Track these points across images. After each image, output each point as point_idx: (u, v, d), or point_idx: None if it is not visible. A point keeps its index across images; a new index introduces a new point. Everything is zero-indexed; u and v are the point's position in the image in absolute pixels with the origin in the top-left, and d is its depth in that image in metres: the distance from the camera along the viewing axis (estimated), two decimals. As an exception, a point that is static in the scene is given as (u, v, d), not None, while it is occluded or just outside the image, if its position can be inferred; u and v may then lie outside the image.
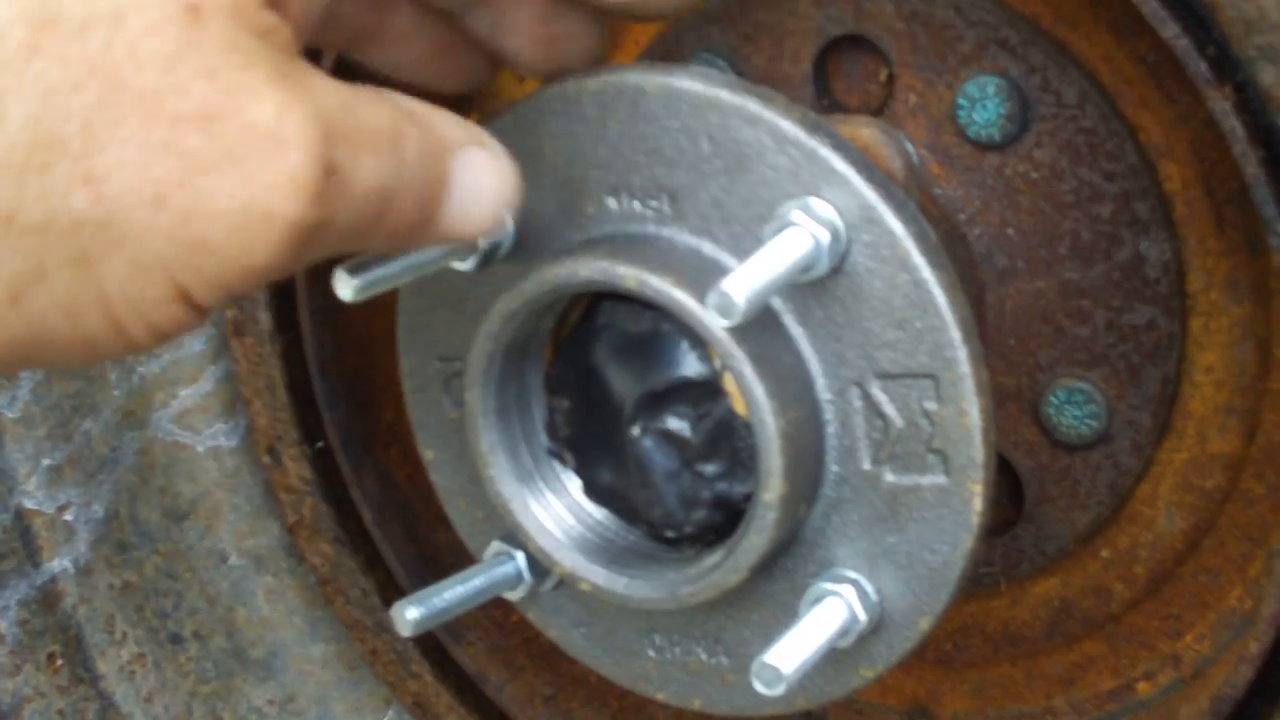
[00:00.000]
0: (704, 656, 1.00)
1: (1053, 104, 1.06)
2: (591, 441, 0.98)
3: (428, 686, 1.29)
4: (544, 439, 0.99)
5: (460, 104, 1.26)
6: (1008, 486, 1.13)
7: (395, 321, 1.04)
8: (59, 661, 1.38)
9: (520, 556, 1.01)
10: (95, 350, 0.69)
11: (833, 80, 1.13)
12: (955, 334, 0.87)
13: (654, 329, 0.95)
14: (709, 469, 0.94)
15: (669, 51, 1.16)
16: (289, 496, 1.29)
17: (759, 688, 0.86)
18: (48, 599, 1.38)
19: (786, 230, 0.86)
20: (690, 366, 0.94)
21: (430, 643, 1.30)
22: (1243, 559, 1.09)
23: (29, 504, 1.36)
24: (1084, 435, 1.10)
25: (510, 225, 0.96)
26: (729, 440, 0.93)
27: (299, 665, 1.36)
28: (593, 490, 0.98)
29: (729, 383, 0.93)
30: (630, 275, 0.88)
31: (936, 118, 1.09)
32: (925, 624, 0.92)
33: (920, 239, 0.87)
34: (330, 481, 1.29)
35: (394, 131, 0.73)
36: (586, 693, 1.29)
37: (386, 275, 0.89)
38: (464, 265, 0.96)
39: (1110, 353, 1.08)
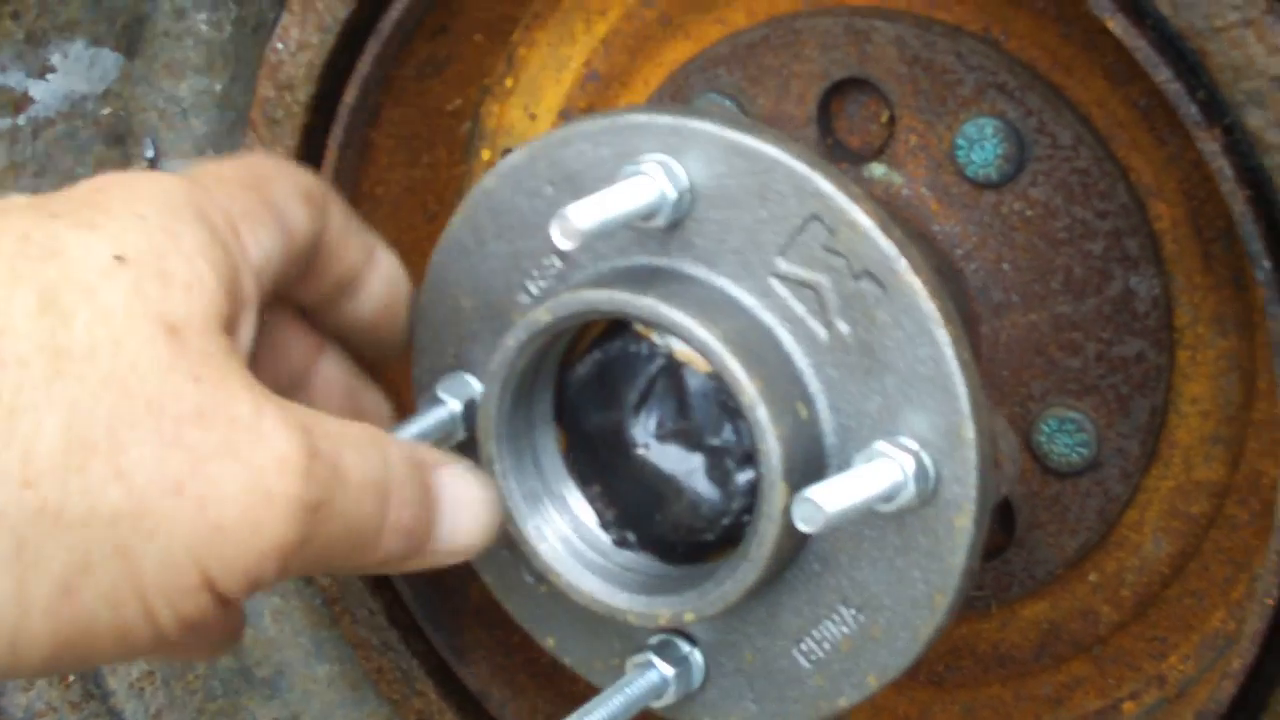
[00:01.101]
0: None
1: (1048, 145, 1.09)
2: (618, 483, 1.01)
3: (432, 704, 1.30)
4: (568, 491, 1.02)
5: (469, 137, 1.30)
6: (999, 512, 1.15)
7: (409, 358, 1.08)
8: (70, 677, 1.40)
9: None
10: (128, 642, 0.75)
11: (836, 121, 1.17)
12: None
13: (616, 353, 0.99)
14: (718, 439, 0.98)
15: (678, 92, 1.20)
16: (300, 518, 1.31)
17: (799, 524, 0.86)
18: (61, 616, 1.39)
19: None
20: (649, 364, 0.98)
21: (434, 662, 1.31)
22: (1226, 583, 1.12)
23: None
24: (1074, 463, 1.12)
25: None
26: (714, 401, 0.97)
27: (304, 685, 1.38)
28: (627, 522, 1.01)
29: (679, 354, 0.97)
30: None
31: (936, 157, 1.12)
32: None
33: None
34: (341, 503, 1.31)
35: (373, 437, 0.83)
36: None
37: None
38: None
39: (1100, 383, 1.11)
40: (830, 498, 0.85)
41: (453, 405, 1.02)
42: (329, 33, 1.18)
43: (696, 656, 1.01)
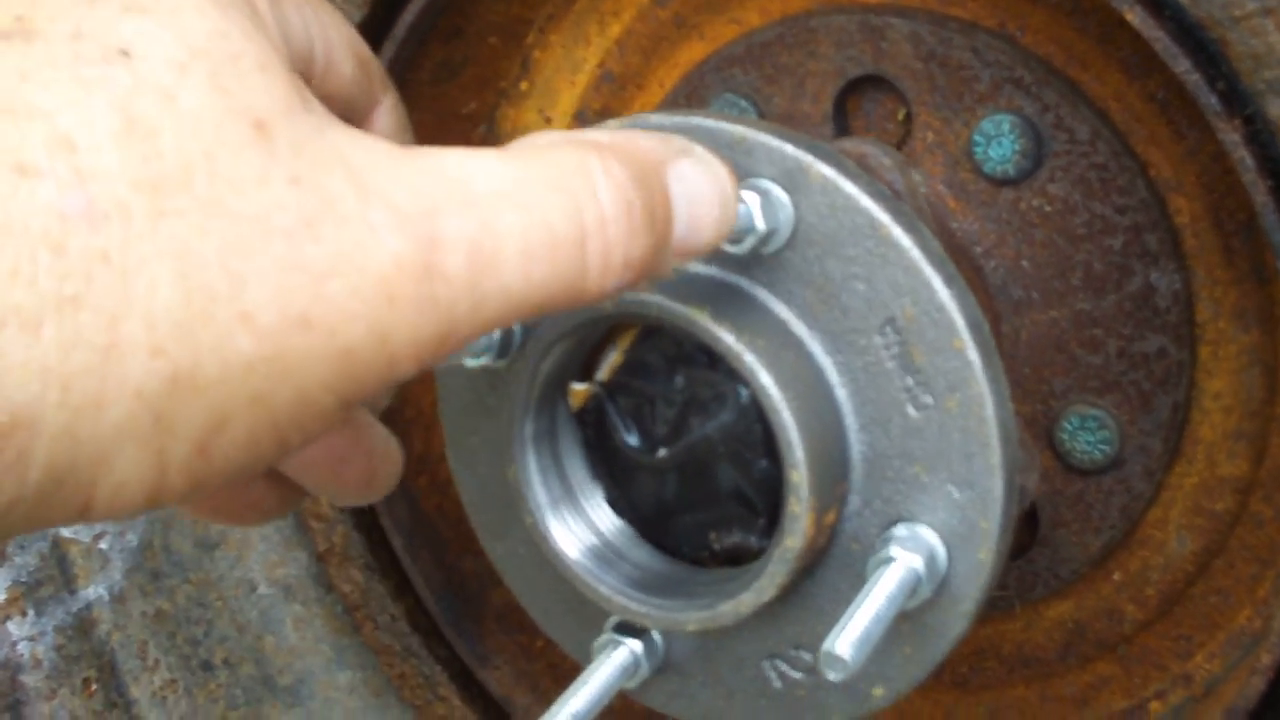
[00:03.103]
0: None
1: (1065, 141, 1.08)
2: (655, 503, 0.99)
3: (455, 710, 1.31)
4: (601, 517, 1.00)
5: (485, 141, 1.29)
6: (1022, 511, 1.15)
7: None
8: (94, 686, 1.40)
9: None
10: (256, 467, 0.69)
11: (852, 119, 1.16)
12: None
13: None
14: (694, 384, 0.96)
15: (694, 92, 1.20)
16: (320, 525, 1.32)
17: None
18: (83, 625, 1.40)
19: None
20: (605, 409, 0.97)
21: (457, 667, 1.32)
22: (1252, 580, 1.11)
23: (66, 533, 1.38)
24: (1097, 460, 1.12)
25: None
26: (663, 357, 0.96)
27: (326, 692, 1.38)
28: (696, 528, 0.99)
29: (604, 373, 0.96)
30: None
31: (953, 154, 1.12)
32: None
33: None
34: (360, 510, 1.31)
35: (575, 165, 0.72)
36: (612, 718, 1.31)
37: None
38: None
39: (1122, 380, 1.10)
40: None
41: None
42: (343, 38, 1.18)
43: (919, 531, 0.92)
